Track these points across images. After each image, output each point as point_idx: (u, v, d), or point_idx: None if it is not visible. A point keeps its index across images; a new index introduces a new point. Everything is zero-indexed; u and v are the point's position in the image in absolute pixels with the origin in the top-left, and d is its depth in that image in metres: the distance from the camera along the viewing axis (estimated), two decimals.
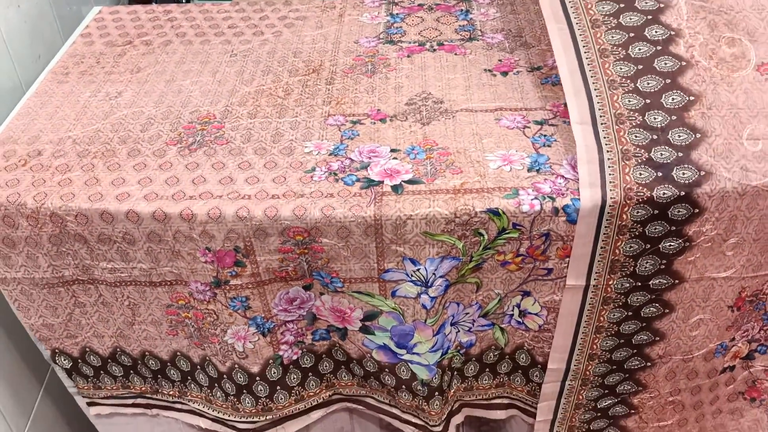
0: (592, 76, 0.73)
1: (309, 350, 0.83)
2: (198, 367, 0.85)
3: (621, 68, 0.72)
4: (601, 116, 0.70)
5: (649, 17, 0.74)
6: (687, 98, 0.70)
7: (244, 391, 0.84)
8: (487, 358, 0.83)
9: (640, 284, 0.72)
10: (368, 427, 0.98)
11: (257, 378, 0.82)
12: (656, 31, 0.73)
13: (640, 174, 0.67)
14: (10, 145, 0.80)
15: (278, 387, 0.84)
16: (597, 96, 0.71)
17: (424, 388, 0.81)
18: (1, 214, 0.72)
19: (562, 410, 0.85)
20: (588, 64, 0.73)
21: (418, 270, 0.72)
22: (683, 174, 0.67)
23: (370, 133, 0.79)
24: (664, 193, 0.67)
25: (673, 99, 0.70)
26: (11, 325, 0.93)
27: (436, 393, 0.82)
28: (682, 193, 0.67)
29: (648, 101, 0.70)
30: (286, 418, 0.88)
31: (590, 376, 0.81)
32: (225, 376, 0.83)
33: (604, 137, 0.69)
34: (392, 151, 0.76)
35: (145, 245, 0.72)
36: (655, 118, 0.69)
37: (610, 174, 0.68)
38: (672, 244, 0.70)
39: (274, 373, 0.83)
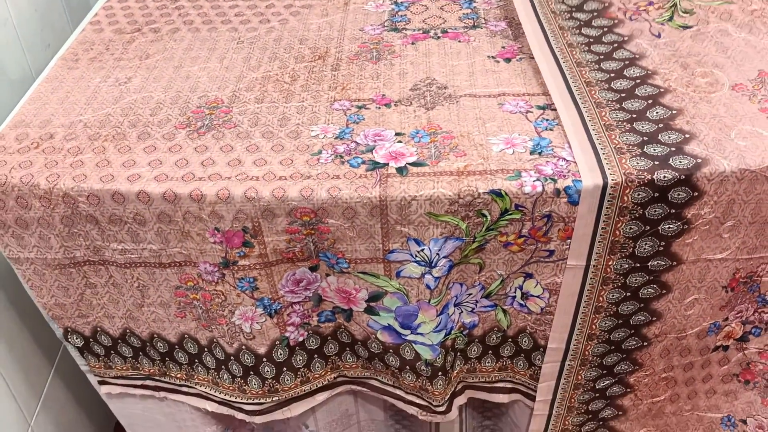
0: (580, 98, 0.78)
1: (315, 332, 0.84)
2: (205, 349, 0.86)
3: (606, 95, 0.79)
4: (591, 125, 0.75)
5: (627, 62, 0.83)
6: (670, 112, 0.76)
7: (251, 372, 0.85)
8: (490, 340, 0.85)
9: (639, 265, 0.74)
10: (372, 410, 1.00)
11: (264, 359, 0.84)
12: (634, 71, 0.82)
13: (638, 163, 0.70)
14: (23, 128, 0.81)
15: (284, 368, 0.86)
16: (586, 112, 0.76)
17: (427, 369, 0.83)
18: (14, 195, 0.74)
19: (561, 390, 0.87)
20: (576, 90, 0.80)
21: (422, 250, 0.74)
22: (680, 162, 0.69)
23: (375, 118, 0.81)
24: (664, 176, 0.69)
25: (657, 113, 0.76)
26: (22, 307, 0.95)
27: (440, 373, 0.83)
28: (682, 177, 0.69)
29: (634, 115, 0.76)
30: (291, 399, 0.90)
31: (589, 356, 0.82)
32: (232, 357, 0.85)
33: (597, 139, 0.73)
34: (397, 134, 0.78)
35: (156, 226, 0.74)
36: (642, 127, 0.74)
37: (607, 163, 0.70)
38: (671, 226, 0.71)
39: (281, 354, 0.84)
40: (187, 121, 0.81)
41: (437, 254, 0.74)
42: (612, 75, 0.82)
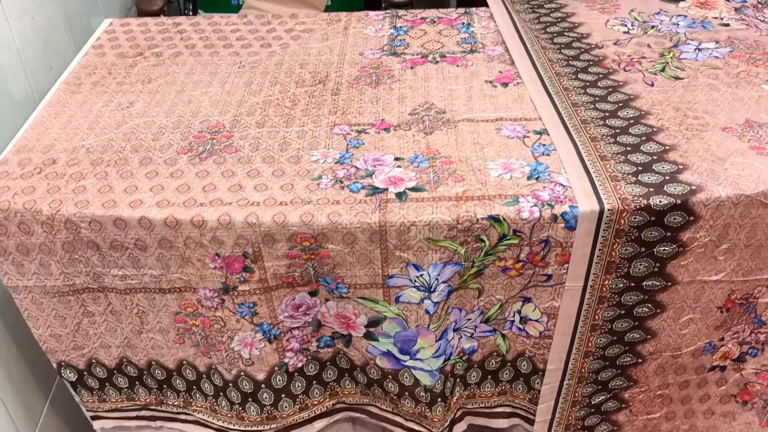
0: (576, 133, 0.81)
1: (314, 357, 0.84)
2: (204, 375, 0.86)
3: (601, 130, 0.82)
4: (587, 156, 0.77)
5: (621, 104, 0.87)
6: (663, 147, 0.79)
7: (250, 399, 0.85)
8: (489, 365, 0.85)
9: (633, 285, 0.76)
10: None
11: (263, 385, 0.84)
12: (628, 112, 0.85)
13: (632, 189, 0.72)
14: (26, 153, 0.82)
15: (283, 395, 0.85)
16: (582, 145, 0.79)
17: (426, 395, 0.83)
18: (17, 221, 0.74)
19: (560, 410, 0.87)
20: (572, 127, 0.82)
21: (421, 275, 0.74)
22: (675, 189, 0.71)
23: (374, 142, 0.82)
24: (660, 201, 0.70)
25: (650, 147, 0.79)
26: (22, 333, 0.95)
27: (439, 399, 0.83)
28: (678, 202, 0.70)
29: (629, 148, 0.78)
30: (290, 427, 0.89)
31: (585, 373, 0.83)
32: (231, 384, 0.84)
33: (592, 168, 0.75)
34: (396, 159, 0.78)
35: (156, 251, 0.74)
36: (637, 158, 0.77)
37: (602, 189, 0.72)
38: (666, 248, 0.73)
39: (279, 380, 0.84)
40: (189, 146, 0.82)
41: (436, 279, 0.74)
42: (607, 114, 0.84)
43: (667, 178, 0.73)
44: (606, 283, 0.75)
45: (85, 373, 0.88)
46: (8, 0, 0.96)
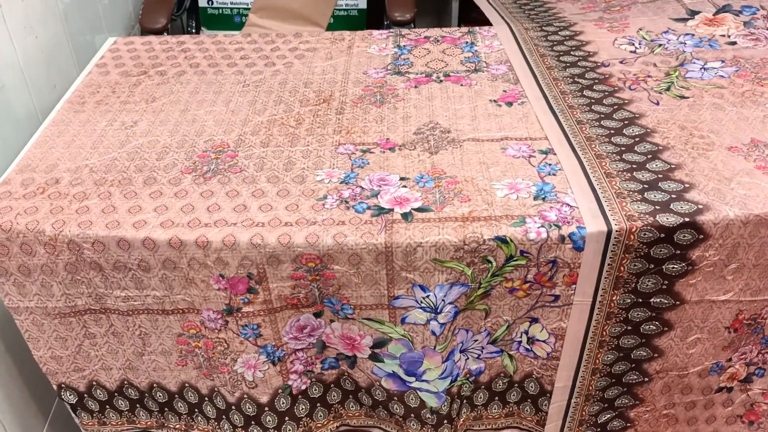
0: (581, 150, 0.81)
1: (318, 379, 0.83)
2: (206, 398, 0.85)
3: (606, 147, 0.82)
4: (593, 174, 0.77)
5: (626, 122, 0.87)
6: (669, 165, 0.79)
7: (253, 422, 0.84)
8: (496, 386, 0.84)
9: (641, 301, 0.75)
10: None
11: (266, 408, 0.83)
12: (634, 130, 0.85)
13: (639, 207, 0.71)
14: (29, 173, 0.82)
15: (287, 418, 0.84)
16: (587, 162, 0.79)
17: (433, 416, 0.81)
18: (19, 242, 0.73)
19: (567, 430, 0.86)
20: (577, 144, 0.82)
21: (427, 296, 0.73)
22: (681, 207, 0.71)
23: (379, 162, 0.81)
24: (668, 219, 0.70)
25: (656, 165, 0.79)
26: (22, 354, 0.94)
27: (445, 421, 0.82)
28: (687, 220, 0.70)
29: (634, 166, 0.78)
30: None
31: (593, 391, 0.83)
32: (233, 407, 0.83)
33: (598, 185, 0.75)
34: (401, 179, 0.78)
35: (160, 272, 0.74)
36: (643, 176, 0.77)
37: (609, 208, 0.72)
38: (675, 266, 0.73)
39: (283, 403, 0.83)
40: (193, 166, 0.82)
41: (443, 300, 0.73)
42: (612, 131, 0.84)
43: (673, 196, 0.73)
44: (614, 298, 0.75)
45: (85, 395, 0.87)
46: (13, 19, 0.97)
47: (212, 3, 1.63)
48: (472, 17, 1.91)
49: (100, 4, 1.31)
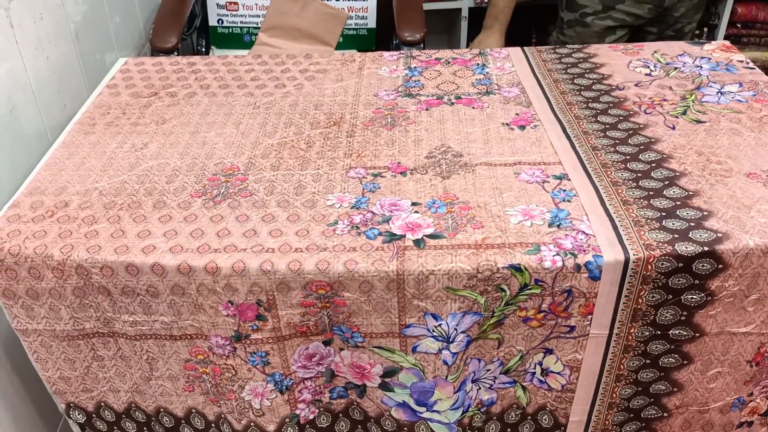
0: (596, 177, 0.80)
1: (326, 409, 0.81)
2: (213, 425, 0.83)
3: (622, 174, 0.81)
4: (609, 201, 0.76)
5: (642, 147, 0.85)
6: (687, 192, 0.77)
7: None
8: (509, 418, 0.82)
9: (659, 333, 0.73)
10: None
11: None
12: (650, 155, 0.84)
13: (657, 235, 0.69)
14: (38, 195, 0.81)
15: None
16: (603, 189, 0.78)
17: None
18: (27, 266, 0.73)
19: None
20: (592, 170, 0.81)
21: (439, 325, 0.72)
22: (700, 236, 0.69)
23: (391, 186, 0.80)
24: (686, 248, 0.68)
25: (674, 192, 0.77)
26: (28, 374, 0.93)
27: None
28: (706, 249, 0.68)
29: (651, 193, 0.77)
30: None
31: (609, 426, 0.80)
32: None
33: (615, 213, 0.74)
34: (413, 204, 0.77)
35: (168, 298, 0.73)
36: (660, 203, 0.75)
37: (626, 236, 0.70)
38: (694, 297, 0.71)
39: None
40: (203, 189, 0.81)
41: (455, 329, 0.72)
42: (628, 157, 0.83)
43: (692, 224, 0.71)
44: (632, 331, 0.73)
45: (93, 415, 0.86)
46: (25, 40, 0.97)
47: (222, 22, 1.63)
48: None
49: (111, 23, 1.32)
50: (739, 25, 1.88)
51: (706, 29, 1.87)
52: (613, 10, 1.39)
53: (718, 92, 0.97)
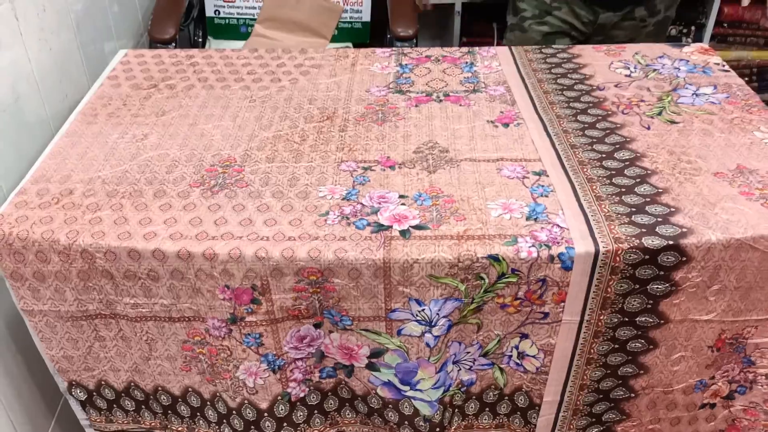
0: (573, 174, 0.85)
1: (316, 388, 0.86)
2: (208, 403, 0.88)
3: (597, 171, 0.86)
4: (583, 197, 0.81)
5: (617, 146, 0.90)
6: (656, 189, 0.82)
7: (252, 427, 0.87)
8: (487, 398, 0.88)
9: (627, 320, 0.79)
10: None
11: (265, 414, 0.86)
12: (624, 154, 0.88)
13: (626, 230, 0.75)
14: (44, 183, 0.85)
15: (285, 423, 0.87)
16: (579, 186, 0.82)
17: (426, 424, 0.85)
18: (34, 250, 0.77)
19: None
20: (570, 168, 0.86)
21: (422, 310, 0.77)
22: (666, 230, 0.74)
23: (380, 180, 0.85)
24: (653, 242, 0.73)
25: (644, 189, 0.82)
26: (31, 355, 0.97)
27: (438, 429, 0.86)
28: (671, 243, 0.73)
29: (623, 189, 0.82)
30: None
31: (580, 406, 0.86)
32: (234, 411, 0.87)
33: (588, 209, 0.79)
34: (401, 197, 0.82)
35: (168, 282, 0.77)
36: (631, 199, 0.80)
37: (597, 230, 0.75)
38: (659, 287, 0.76)
39: (282, 409, 0.86)
40: (201, 180, 0.85)
41: (437, 314, 0.77)
42: (603, 155, 0.88)
43: (659, 219, 0.76)
44: (601, 317, 0.78)
45: (94, 393, 0.90)
46: (28, 31, 1.00)
47: (219, 13, 1.66)
48: (474, 31, 1.96)
49: (110, 13, 1.35)
50: (725, 25, 1.93)
51: (693, 28, 1.91)
52: (550, 16, 1.36)
53: (693, 94, 1.01)
